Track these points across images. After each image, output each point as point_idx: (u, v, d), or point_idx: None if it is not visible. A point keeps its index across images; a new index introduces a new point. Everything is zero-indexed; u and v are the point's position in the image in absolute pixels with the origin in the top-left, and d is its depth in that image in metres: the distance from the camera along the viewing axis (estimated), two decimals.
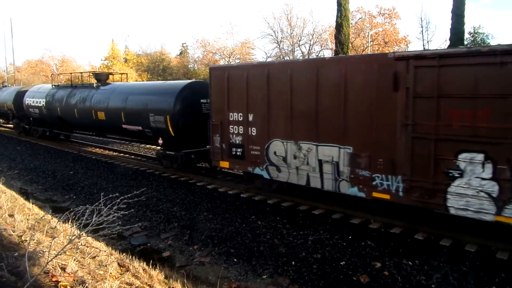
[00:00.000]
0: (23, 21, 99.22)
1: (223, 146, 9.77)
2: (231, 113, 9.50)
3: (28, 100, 19.28)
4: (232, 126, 9.48)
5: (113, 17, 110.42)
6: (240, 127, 9.31)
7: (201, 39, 51.78)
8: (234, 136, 9.48)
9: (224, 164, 9.96)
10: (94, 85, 15.53)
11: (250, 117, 9.08)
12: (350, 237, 7.21)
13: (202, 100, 11.66)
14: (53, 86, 18.37)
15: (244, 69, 9.31)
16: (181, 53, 62.18)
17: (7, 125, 27.92)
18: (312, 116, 7.94)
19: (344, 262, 6.38)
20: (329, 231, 7.52)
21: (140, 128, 12.68)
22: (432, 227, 7.23)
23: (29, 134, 21.19)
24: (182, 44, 63.95)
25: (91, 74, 17.56)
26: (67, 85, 17.75)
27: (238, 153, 9.44)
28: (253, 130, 9.06)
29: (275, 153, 8.71)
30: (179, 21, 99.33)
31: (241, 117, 9.27)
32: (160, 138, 12.03)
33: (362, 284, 5.78)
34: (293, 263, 6.49)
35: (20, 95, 20.57)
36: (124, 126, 13.26)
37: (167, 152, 12.10)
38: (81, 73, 20.84)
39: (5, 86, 25.04)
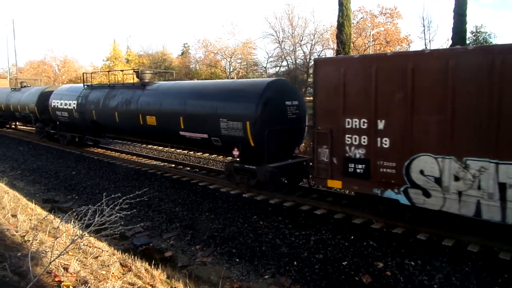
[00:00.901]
0: (25, 22, 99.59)
1: (334, 161, 7.82)
2: (348, 119, 7.49)
3: (54, 102, 17.15)
4: (349, 136, 7.53)
5: (114, 18, 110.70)
6: (363, 137, 7.35)
7: (202, 39, 51.78)
8: (353, 148, 7.53)
9: (335, 184, 7.99)
10: (140, 84, 13.47)
11: (380, 124, 7.08)
12: (352, 237, 7.20)
13: (287, 103, 9.87)
14: (85, 86, 16.08)
15: (370, 62, 7.33)
16: (182, 53, 62.21)
17: (24, 127, 26.12)
18: (489, 122, 5.95)
19: (346, 262, 6.37)
20: (331, 231, 7.52)
21: (205, 136, 10.57)
22: (434, 227, 7.21)
23: (53, 140, 19.06)
24: (184, 44, 64.04)
25: (133, 71, 15.51)
26: (103, 85, 15.69)
27: (358, 171, 7.49)
28: (385, 141, 7.09)
29: (421, 172, 6.72)
30: (180, 21, 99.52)
31: (365, 124, 7.29)
32: (236, 149, 9.86)
33: (364, 284, 5.78)
34: (295, 263, 6.48)
35: (44, 96, 18.56)
36: (182, 133, 11.17)
37: (246, 166, 9.79)
38: (122, 70, 20.14)
39: (25, 86, 22.77)
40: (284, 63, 46.18)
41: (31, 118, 20.20)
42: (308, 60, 42.85)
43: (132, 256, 5.97)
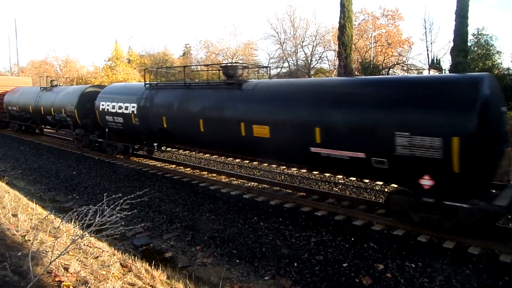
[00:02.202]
0: (27, 22, 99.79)
1: None
2: None
3: (104, 105, 13.96)
4: None
5: (116, 18, 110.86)
6: None
7: (204, 40, 51.84)
8: None
9: None
10: (235, 83, 10.12)
11: None
12: (352, 239, 7.19)
13: (502, 109, 6.99)
14: (148, 85, 12.78)
15: None
16: (184, 54, 62.29)
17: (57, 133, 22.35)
18: None
19: (346, 264, 6.36)
20: (332, 233, 7.51)
21: (359, 155, 7.41)
22: (435, 229, 7.19)
23: (99, 150, 15.99)
24: (185, 45, 64.14)
25: (219, 66, 12.13)
26: (175, 84, 12.44)
27: None
28: None
29: None
30: (182, 22, 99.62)
31: None
32: (426, 177, 6.72)
33: (364, 286, 5.77)
34: (295, 264, 6.48)
35: (86, 97, 15.80)
36: (316, 149, 8.05)
37: (445, 202, 6.70)
38: (206, 65, 15.85)
39: (56, 85, 19.77)
40: (286, 64, 46.20)
41: (68, 123, 16.95)
42: (309, 61, 42.85)
43: (133, 257, 5.98)
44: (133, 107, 12.73)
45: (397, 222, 7.54)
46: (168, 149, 15.84)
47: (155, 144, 13.74)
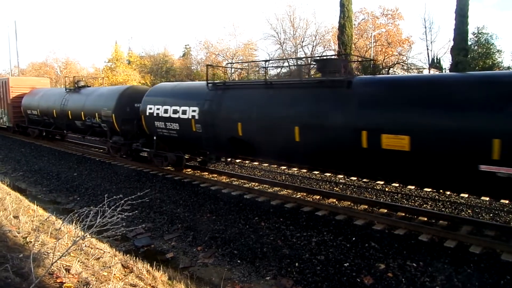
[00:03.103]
0: (27, 24, 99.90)
1: None
2: None
3: (152, 109, 11.80)
4: None
5: (116, 19, 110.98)
6: None
7: (204, 41, 51.78)
8: None
9: None
10: (344, 81, 7.95)
11: None
12: (353, 239, 7.19)
13: None
14: (212, 84, 10.59)
15: None
16: (184, 55, 62.32)
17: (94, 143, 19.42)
18: None
19: (347, 264, 6.36)
20: (333, 233, 7.51)
21: None
22: (436, 228, 7.20)
23: (142, 161, 13.96)
24: (185, 45, 64.21)
25: (310, 60, 10.27)
26: (253, 82, 11.11)
27: None
28: None
29: None
30: (182, 23, 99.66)
31: None
32: None
33: (366, 285, 5.76)
34: (296, 264, 6.48)
35: (126, 99, 13.67)
36: (489, 168, 6.07)
37: None
38: (298, 59, 12.77)
39: (84, 86, 17.45)
40: (286, 64, 46.19)
41: (102, 129, 14.59)
42: (309, 61, 42.83)
43: (134, 258, 5.98)
44: (194, 111, 10.49)
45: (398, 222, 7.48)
46: (236, 160, 13.50)
47: (221, 155, 11.50)
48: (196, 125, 10.51)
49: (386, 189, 10.12)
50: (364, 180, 10.98)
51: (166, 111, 11.38)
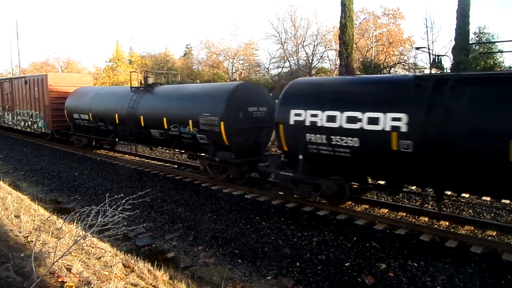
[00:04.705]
0: (28, 24, 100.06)
1: None
2: None
3: (301, 115, 8.27)
4: None
5: (117, 19, 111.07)
6: None
7: (205, 40, 51.81)
8: None
9: None
10: None
11: None
12: (354, 238, 7.18)
13: None
14: (426, 78, 7.03)
15: None
16: (185, 54, 62.36)
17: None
18: None
19: (348, 263, 6.36)
20: (334, 232, 7.50)
21: None
22: (437, 228, 7.19)
23: (282, 190, 9.51)
24: (186, 45, 64.29)
25: None
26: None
27: None
28: None
29: None
30: (183, 23, 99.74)
31: None
32: None
33: (367, 285, 5.76)
34: (297, 264, 6.48)
35: (239, 101, 10.28)
36: None
37: None
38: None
39: (155, 83, 13.78)
40: (287, 64, 46.17)
41: (197, 141, 11.01)
42: (310, 61, 42.81)
43: (135, 257, 5.99)
44: (397, 119, 6.95)
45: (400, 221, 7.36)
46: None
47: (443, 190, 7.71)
48: (401, 141, 6.93)
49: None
50: None
51: (331, 118, 7.78)
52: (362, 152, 7.50)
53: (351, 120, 7.50)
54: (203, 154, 11.68)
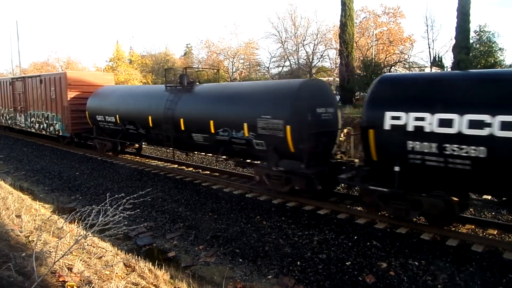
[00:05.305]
0: (28, 24, 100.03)
1: None
2: None
3: (400, 118, 6.77)
4: None
5: (117, 19, 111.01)
6: None
7: (205, 40, 51.81)
8: None
9: None
10: None
11: None
12: (355, 237, 7.18)
13: None
14: None
15: None
16: (185, 54, 62.34)
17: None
18: None
19: (349, 262, 6.36)
20: (335, 231, 7.51)
21: None
22: (438, 227, 7.18)
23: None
24: (186, 44, 64.30)
25: None
26: None
27: None
28: None
29: None
30: (183, 22, 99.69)
31: None
32: None
33: (367, 284, 5.76)
34: (298, 263, 6.48)
35: (307, 101, 8.85)
36: None
37: None
38: None
39: (193, 82, 12.55)
40: (287, 63, 46.13)
41: (253, 147, 9.58)
42: (310, 60, 42.78)
43: (136, 256, 5.99)
44: None
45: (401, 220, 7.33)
46: None
47: None
48: None
49: None
50: None
51: (445, 123, 6.32)
52: (489, 164, 6.02)
53: (474, 125, 6.02)
54: (257, 162, 10.11)
